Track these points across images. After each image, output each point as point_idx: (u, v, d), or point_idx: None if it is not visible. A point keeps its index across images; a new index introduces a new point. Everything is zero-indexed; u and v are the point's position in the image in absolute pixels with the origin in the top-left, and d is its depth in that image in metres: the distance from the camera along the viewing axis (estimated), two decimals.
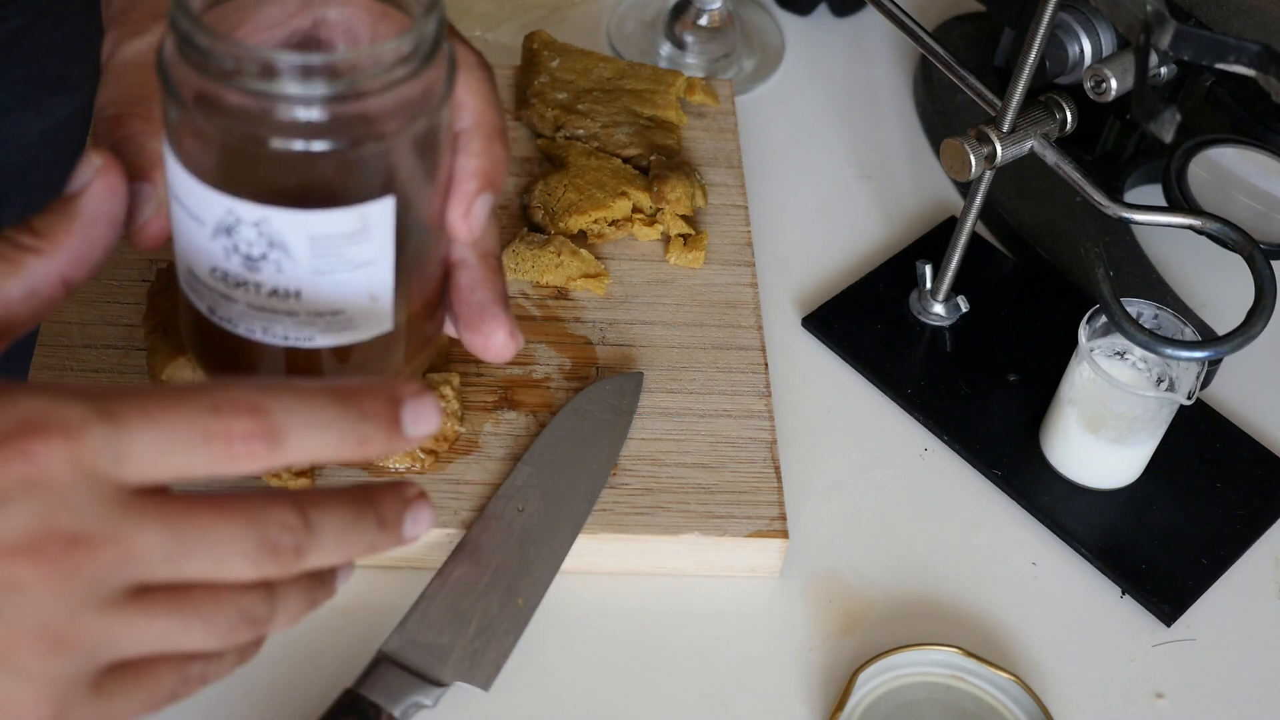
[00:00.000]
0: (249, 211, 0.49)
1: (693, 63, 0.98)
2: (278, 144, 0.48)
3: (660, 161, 0.85)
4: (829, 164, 0.94)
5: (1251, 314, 0.71)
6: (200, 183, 0.50)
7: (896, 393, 0.82)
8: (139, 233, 0.54)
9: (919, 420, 0.81)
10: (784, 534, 0.72)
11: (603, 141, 0.87)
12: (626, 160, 0.86)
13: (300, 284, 0.51)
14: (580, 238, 0.83)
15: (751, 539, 0.72)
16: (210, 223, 0.50)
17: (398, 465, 0.71)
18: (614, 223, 0.83)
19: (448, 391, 0.72)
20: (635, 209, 0.84)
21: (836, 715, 0.67)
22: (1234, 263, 0.75)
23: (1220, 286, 0.89)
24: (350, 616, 0.68)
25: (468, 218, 0.54)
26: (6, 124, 1.01)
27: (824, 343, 0.84)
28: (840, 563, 0.75)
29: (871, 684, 0.68)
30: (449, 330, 0.58)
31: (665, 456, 0.74)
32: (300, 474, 0.70)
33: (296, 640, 0.68)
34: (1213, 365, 0.83)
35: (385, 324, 0.53)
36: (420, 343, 0.57)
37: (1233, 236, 0.72)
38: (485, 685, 0.66)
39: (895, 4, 0.79)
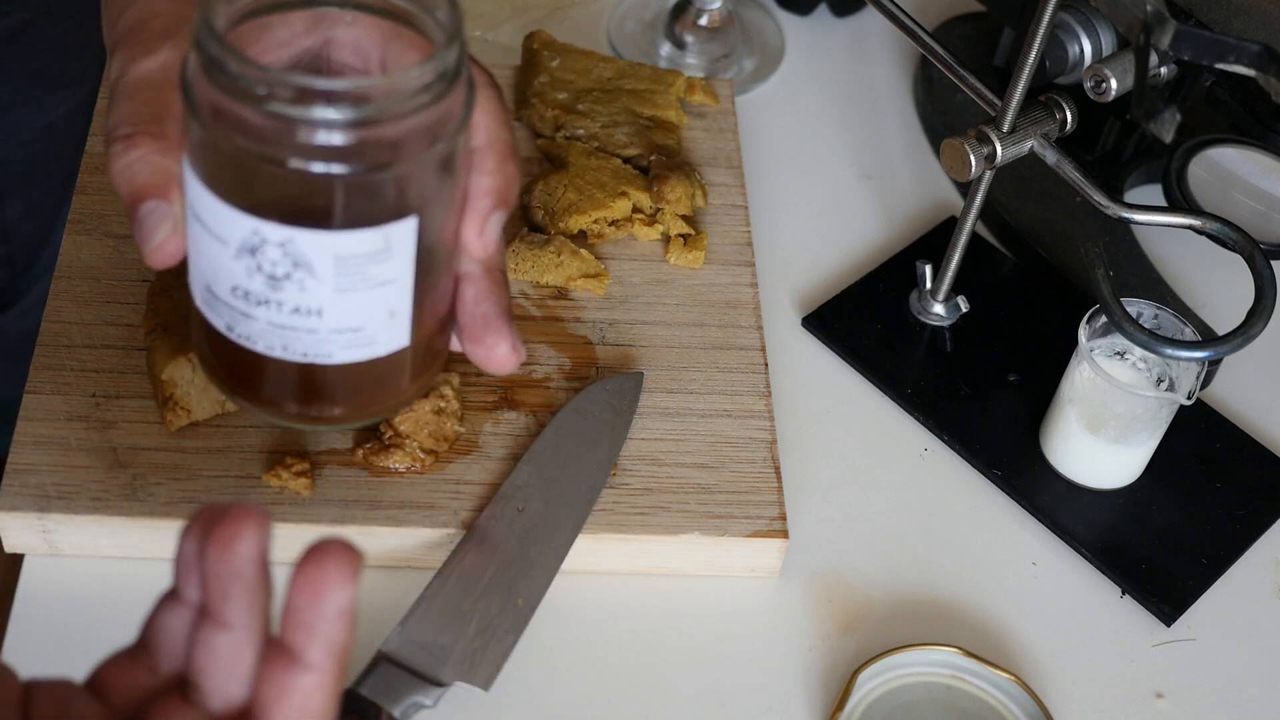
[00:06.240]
0: (274, 232, 0.50)
1: (693, 63, 0.98)
2: (304, 167, 0.48)
3: (660, 161, 0.85)
4: (829, 164, 0.94)
5: (1251, 314, 0.71)
6: (224, 203, 0.50)
7: (896, 393, 0.82)
8: (155, 252, 0.54)
9: (919, 420, 0.81)
10: (784, 534, 0.72)
11: (603, 141, 0.87)
12: (626, 160, 0.86)
13: (322, 302, 0.51)
14: (580, 238, 0.83)
15: (751, 539, 0.72)
16: (233, 242, 0.50)
17: (398, 465, 0.71)
18: (614, 223, 0.83)
19: (448, 392, 0.72)
20: (635, 209, 0.84)
21: (836, 715, 0.67)
22: (1234, 263, 0.75)
23: (1220, 286, 0.89)
24: None
25: (482, 235, 0.55)
26: (8, 119, 1.02)
27: (824, 343, 0.84)
28: (840, 563, 0.75)
29: (871, 684, 0.68)
30: (453, 344, 0.59)
31: (665, 456, 0.74)
32: (300, 474, 0.70)
33: None
34: (1213, 365, 0.83)
35: (403, 339, 0.54)
36: (431, 357, 0.57)
37: (1233, 236, 0.72)
38: (485, 685, 0.66)
39: (895, 4, 0.79)
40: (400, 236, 0.51)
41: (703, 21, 0.98)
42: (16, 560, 0.71)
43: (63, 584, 0.70)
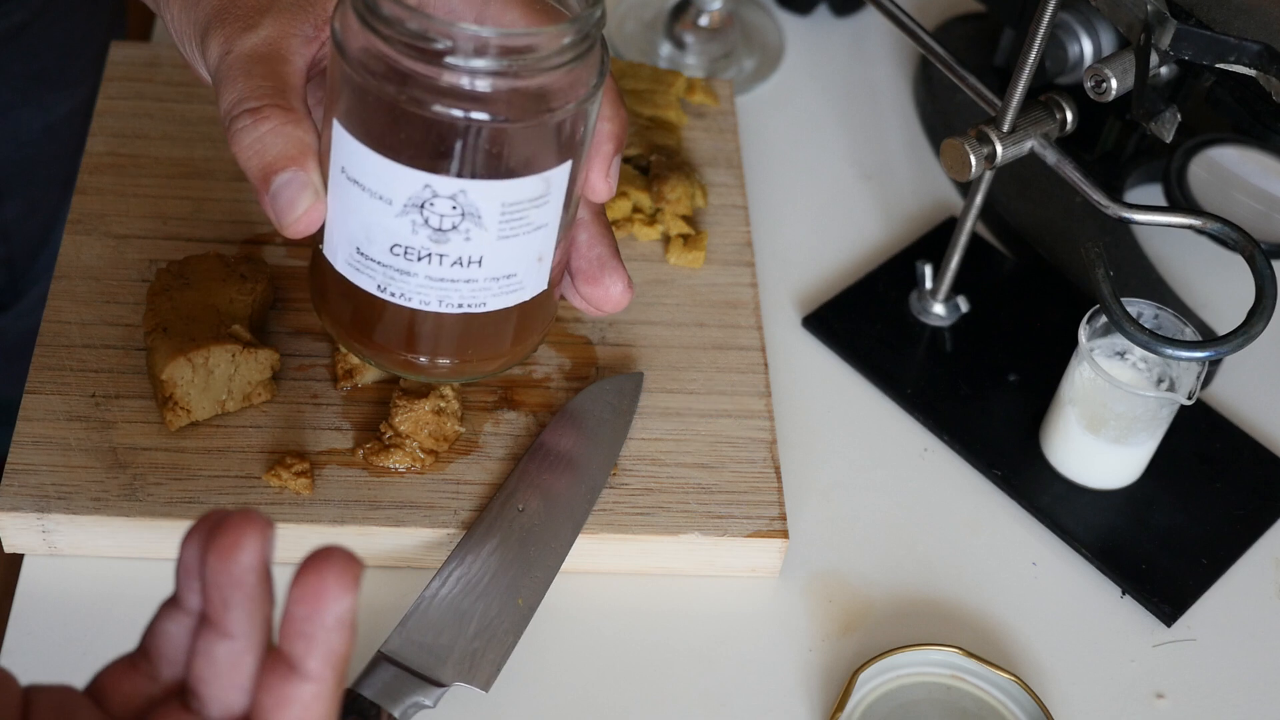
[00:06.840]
0: (446, 185, 0.50)
1: (693, 63, 0.98)
2: (485, 117, 0.49)
3: (660, 161, 0.85)
4: (829, 164, 0.94)
5: (1251, 314, 0.70)
6: (392, 161, 0.50)
7: (896, 393, 0.82)
8: (299, 222, 0.53)
9: (919, 420, 0.81)
10: (784, 534, 0.72)
11: None
12: (626, 160, 0.86)
13: (484, 251, 0.52)
14: None
15: (751, 539, 0.72)
16: (399, 200, 0.51)
17: (398, 465, 0.71)
18: (614, 223, 0.83)
19: (447, 391, 0.72)
20: (635, 209, 0.84)
21: (836, 715, 0.67)
22: (1234, 263, 0.75)
23: (1220, 286, 0.89)
24: None
25: (608, 178, 0.56)
26: (8, 119, 1.02)
27: (824, 343, 0.84)
28: (840, 563, 0.75)
29: (871, 684, 0.68)
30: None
31: (665, 456, 0.74)
32: (300, 474, 0.70)
33: None
34: (1213, 365, 0.83)
35: (543, 282, 0.56)
36: (552, 307, 0.59)
37: (1233, 236, 0.72)
38: (485, 685, 0.66)
39: (895, 4, 0.79)
40: (558, 181, 0.52)
41: (703, 21, 0.98)
42: (16, 560, 0.71)
43: (62, 584, 0.70)
